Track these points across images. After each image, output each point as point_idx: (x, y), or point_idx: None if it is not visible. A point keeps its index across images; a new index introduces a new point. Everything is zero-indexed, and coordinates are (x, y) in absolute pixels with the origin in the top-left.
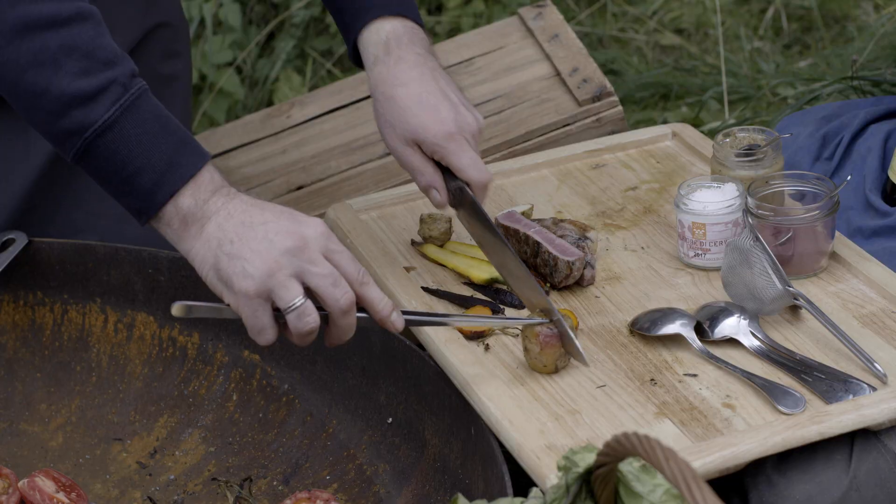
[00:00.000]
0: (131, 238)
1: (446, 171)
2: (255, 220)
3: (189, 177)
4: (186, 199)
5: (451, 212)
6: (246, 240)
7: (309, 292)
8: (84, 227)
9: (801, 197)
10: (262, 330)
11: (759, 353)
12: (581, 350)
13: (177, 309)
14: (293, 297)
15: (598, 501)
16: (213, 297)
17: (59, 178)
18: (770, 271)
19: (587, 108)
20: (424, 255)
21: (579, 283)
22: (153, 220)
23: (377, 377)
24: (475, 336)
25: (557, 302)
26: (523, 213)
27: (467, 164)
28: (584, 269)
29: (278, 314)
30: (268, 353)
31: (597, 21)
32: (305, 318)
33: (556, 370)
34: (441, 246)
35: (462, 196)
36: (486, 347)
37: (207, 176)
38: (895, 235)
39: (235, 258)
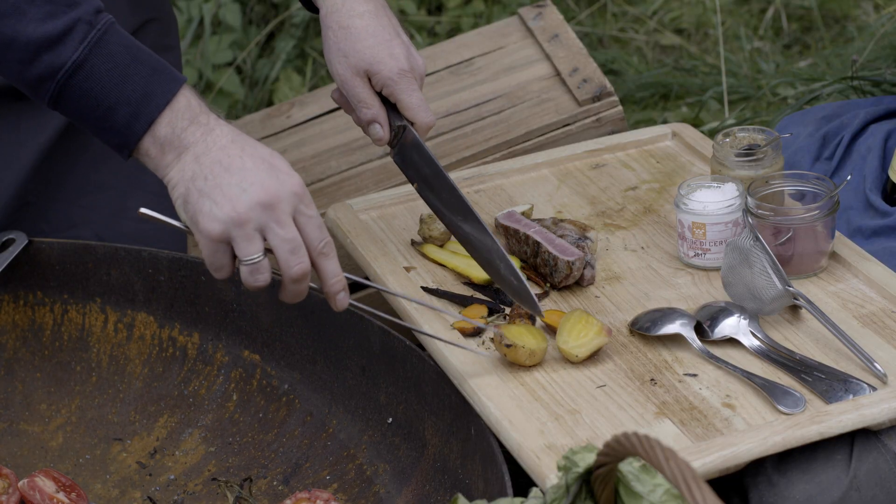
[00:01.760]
0: (126, 232)
1: (390, 109)
2: (233, 163)
3: (164, 104)
4: (163, 127)
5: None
6: (219, 182)
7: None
8: (78, 221)
9: (801, 197)
10: (220, 268)
11: (759, 353)
12: (539, 308)
13: (140, 216)
14: (253, 252)
15: (598, 501)
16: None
17: (53, 173)
18: (770, 271)
19: (587, 108)
20: (424, 255)
21: (579, 283)
22: (135, 153)
23: (377, 377)
24: (474, 333)
25: (557, 302)
26: (523, 213)
27: (416, 103)
28: (584, 269)
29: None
30: (268, 353)
31: (597, 21)
32: (257, 276)
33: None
34: (441, 246)
35: (405, 135)
36: (487, 348)
37: (184, 101)
38: (895, 235)
39: (205, 196)
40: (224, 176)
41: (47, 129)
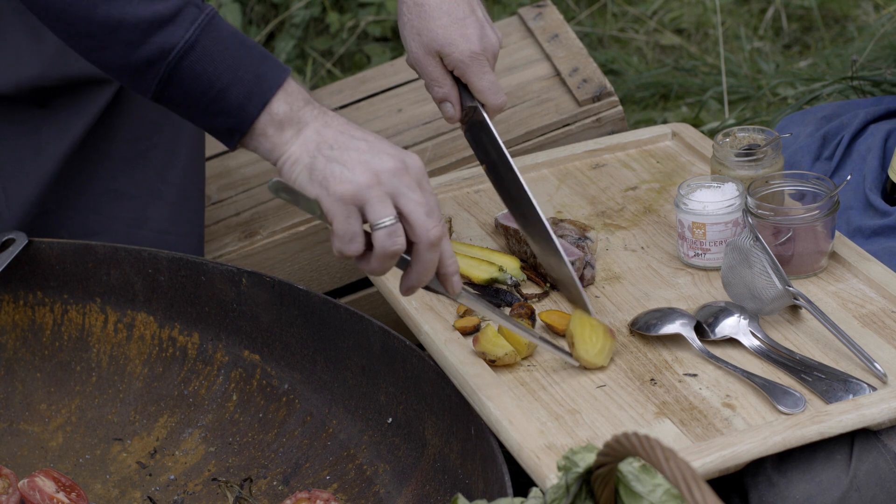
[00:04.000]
0: (145, 242)
1: (462, 88)
2: (356, 134)
3: (277, 86)
4: (280, 105)
5: (447, 210)
6: (348, 149)
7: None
8: (98, 230)
9: (801, 197)
10: (353, 237)
11: (759, 353)
12: (587, 301)
13: (274, 184)
14: (387, 213)
15: (598, 501)
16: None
17: (72, 181)
18: (770, 271)
19: (587, 108)
20: None
21: None
22: (245, 137)
23: (377, 377)
24: (472, 332)
25: (557, 302)
26: None
27: (487, 86)
28: (584, 269)
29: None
30: (268, 353)
31: (597, 21)
32: (395, 238)
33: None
34: None
35: (474, 115)
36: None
37: (295, 85)
38: (895, 235)
39: (335, 162)
40: (351, 143)
41: (67, 137)
